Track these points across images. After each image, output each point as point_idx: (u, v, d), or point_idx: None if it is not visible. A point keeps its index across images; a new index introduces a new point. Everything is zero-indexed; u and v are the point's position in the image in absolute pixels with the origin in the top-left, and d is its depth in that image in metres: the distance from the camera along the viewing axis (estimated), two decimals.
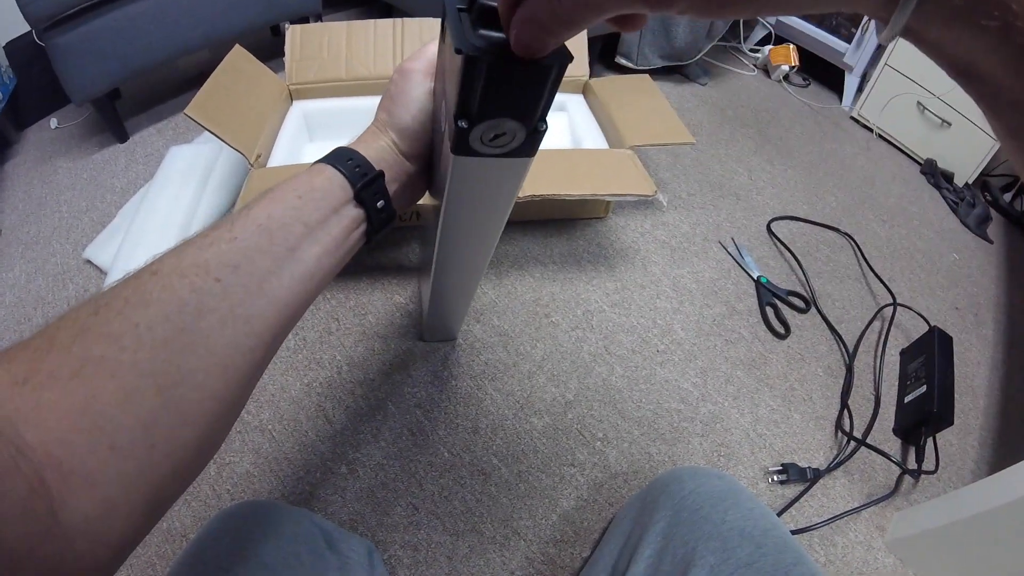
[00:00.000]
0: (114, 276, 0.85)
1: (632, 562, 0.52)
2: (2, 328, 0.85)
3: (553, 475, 0.73)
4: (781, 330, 0.92)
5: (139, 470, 0.25)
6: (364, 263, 0.90)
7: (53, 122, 1.19)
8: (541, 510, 0.68)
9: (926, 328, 0.91)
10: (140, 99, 1.24)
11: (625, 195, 0.84)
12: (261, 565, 0.45)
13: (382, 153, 0.42)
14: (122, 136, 1.14)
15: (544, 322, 0.87)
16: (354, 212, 0.38)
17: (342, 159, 0.39)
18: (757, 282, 0.97)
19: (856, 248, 1.07)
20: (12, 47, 1.10)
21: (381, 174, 0.40)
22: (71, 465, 0.22)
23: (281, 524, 0.48)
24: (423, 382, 0.80)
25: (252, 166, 0.84)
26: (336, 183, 0.38)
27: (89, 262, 0.90)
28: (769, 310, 0.94)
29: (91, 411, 0.23)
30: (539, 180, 0.83)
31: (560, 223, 0.98)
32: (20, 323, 0.86)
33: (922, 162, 1.36)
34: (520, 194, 0.73)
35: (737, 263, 0.99)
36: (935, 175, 1.33)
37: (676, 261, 0.95)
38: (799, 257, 1.02)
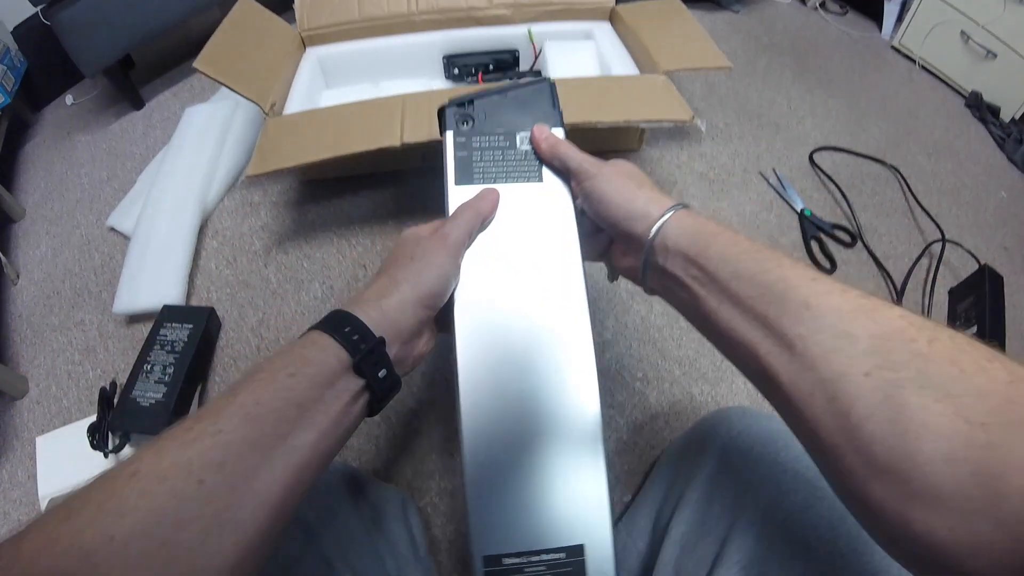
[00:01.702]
0: (137, 242, 0.80)
1: (678, 508, 0.46)
2: (32, 304, 0.82)
3: None
4: (827, 265, 0.83)
5: None
6: (389, 208, 0.81)
7: (69, 99, 1.14)
8: None
9: (975, 267, 0.82)
10: (153, 65, 1.16)
11: (661, 121, 0.74)
12: (295, 521, 0.40)
13: (392, 312, 0.37)
14: (138, 103, 1.09)
15: None
16: (354, 384, 0.34)
17: (339, 327, 0.34)
18: (801, 215, 0.88)
19: (902, 181, 0.97)
20: (20, 31, 1.07)
21: (382, 341, 0.35)
22: None
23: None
24: None
25: (267, 115, 0.77)
26: (331, 353, 0.33)
27: (113, 229, 0.87)
28: (814, 244, 0.85)
29: None
30: (568, 108, 0.71)
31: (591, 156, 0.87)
32: (49, 297, 0.82)
33: (967, 95, 1.23)
34: None
35: (779, 195, 0.89)
36: (980, 109, 1.20)
37: (715, 194, 0.86)
38: (844, 189, 0.92)
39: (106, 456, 0.63)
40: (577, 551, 0.40)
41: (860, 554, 0.35)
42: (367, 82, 0.95)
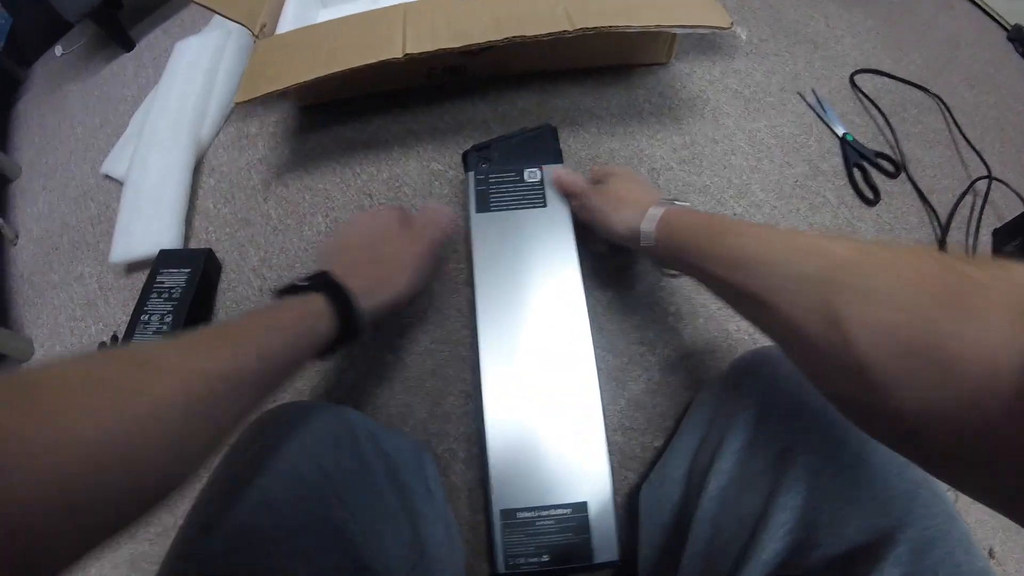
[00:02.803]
0: (130, 186, 0.75)
1: (716, 457, 0.40)
2: (32, 263, 0.78)
3: (620, 355, 0.59)
4: (870, 195, 0.74)
5: None
6: (394, 131, 0.73)
7: (58, 50, 1.06)
8: (608, 394, 0.54)
9: (1021, 208, 0.73)
10: (142, 3, 1.06)
11: (697, 27, 0.64)
12: (297, 479, 0.36)
13: (375, 311, 0.46)
14: (128, 45, 1.00)
15: None
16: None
17: (345, 311, 0.43)
18: (842, 140, 0.78)
19: (946, 111, 0.86)
20: None
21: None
22: None
23: (320, 427, 0.40)
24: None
25: (257, 37, 0.69)
26: (333, 326, 0.41)
27: (108, 177, 0.81)
28: (856, 172, 0.76)
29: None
30: (590, 11, 0.63)
31: (616, 71, 0.78)
32: (48, 254, 0.78)
33: (1009, 28, 1.10)
34: (569, 27, 0.61)
35: (819, 118, 0.79)
36: (1023, 43, 1.08)
37: (751, 113, 0.76)
38: (887, 115, 0.82)
39: None
40: (581, 507, 0.47)
41: (919, 517, 0.30)
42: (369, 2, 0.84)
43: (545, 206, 0.59)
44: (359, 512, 0.37)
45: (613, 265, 0.63)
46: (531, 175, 0.61)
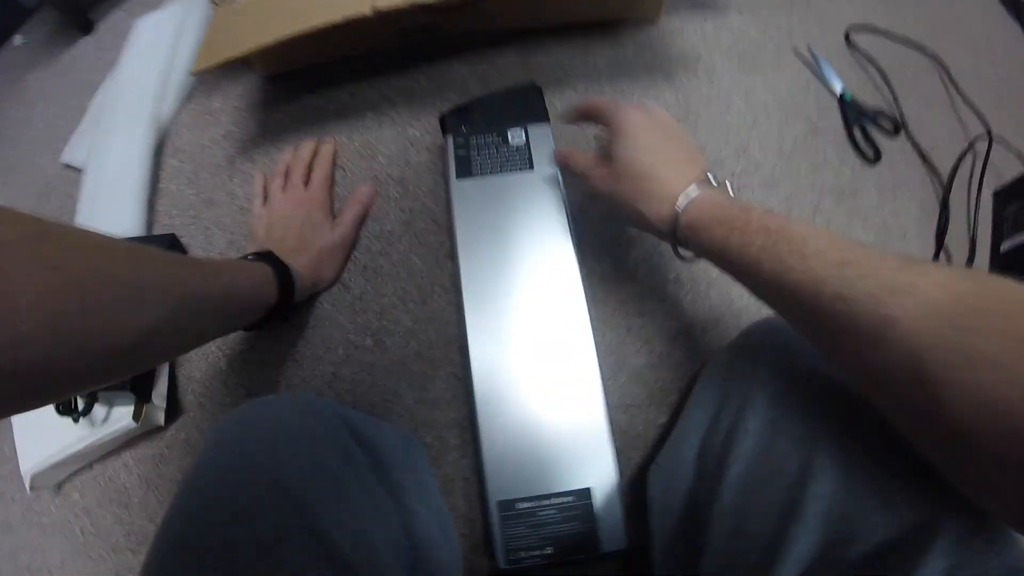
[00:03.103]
0: (90, 173, 0.70)
1: (733, 440, 0.35)
2: None
3: (618, 328, 0.55)
4: (871, 154, 0.70)
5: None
6: (366, 97, 0.68)
7: (18, 39, 0.99)
8: (607, 370, 0.49)
9: (1021, 169, 0.70)
10: None
11: None
12: (271, 486, 0.31)
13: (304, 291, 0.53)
14: (86, 27, 0.93)
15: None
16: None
17: (283, 280, 0.48)
18: (841, 98, 0.74)
19: (944, 71, 0.83)
20: None
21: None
22: None
23: (295, 424, 0.35)
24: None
25: (216, 3, 0.64)
26: (272, 295, 0.47)
27: (68, 166, 0.76)
28: (856, 131, 0.72)
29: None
30: None
31: (602, 28, 0.73)
32: None
33: None
34: None
35: (816, 76, 0.75)
36: (1017, 9, 1.05)
37: (746, 71, 0.72)
38: (885, 73, 0.78)
39: (76, 421, 0.54)
40: (584, 494, 0.44)
41: (958, 505, 0.27)
42: None
43: (532, 169, 0.54)
44: (345, 517, 0.32)
45: (607, 231, 0.59)
46: (516, 136, 0.56)
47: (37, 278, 0.25)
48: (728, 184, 0.42)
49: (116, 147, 0.69)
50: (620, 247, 0.59)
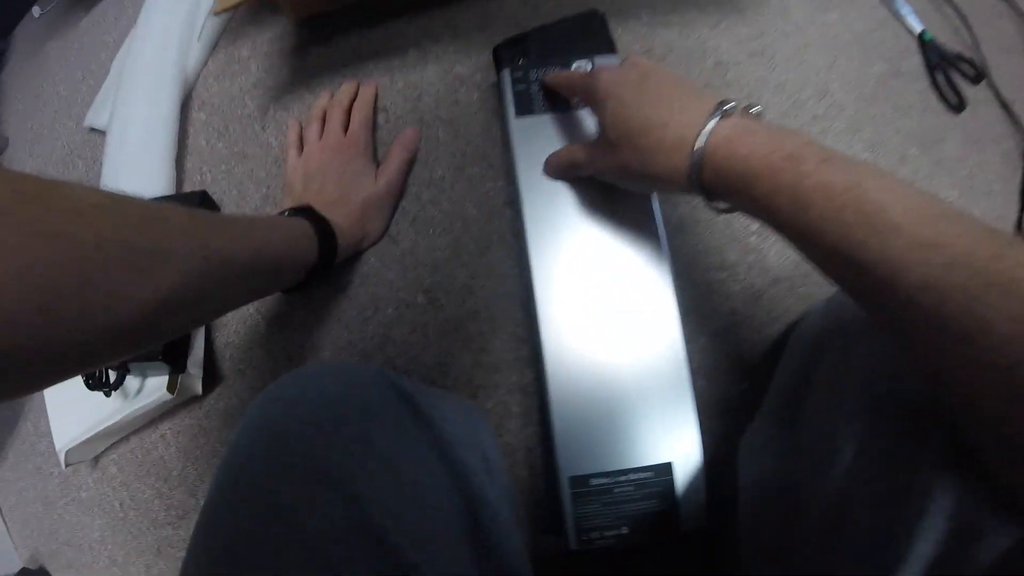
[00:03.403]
0: (114, 134, 0.65)
1: (833, 426, 0.31)
2: None
3: (698, 285, 0.50)
4: (955, 101, 0.64)
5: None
6: (407, 34, 0.62)
7: (36, 11, 0.96)
8: (686, 330, 0.44)
9: None
10: None
11: None
12: (323, 479, 0.26)
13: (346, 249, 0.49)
14: None
15: None
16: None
17: (326, 243, 0.45)
18: (920, 39, 0.67)
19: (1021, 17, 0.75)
20: None
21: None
22: None
23: (346, 400, 0.31)
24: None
25: None
26: (312, 255, 0.43)
27: (93, 129, 0.73)
28: (939, 75, 0.65)
29: None
30: None
31: None
32: None
33: None
34: None
35: (892, 13, 0.68)
36: None
37: (821, 5, 0.65)
38: (965, 15, 0.70)
39: (108, 395, 0.51)
40: (665, 470, 0.40)
41: None
42: None
43: None
44: (403, 508, 0.27)
45: None
46: (581, 69, 0.49)
47: (26, 247, 0.22)
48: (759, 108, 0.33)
49: (139, 104, 0.65)
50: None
